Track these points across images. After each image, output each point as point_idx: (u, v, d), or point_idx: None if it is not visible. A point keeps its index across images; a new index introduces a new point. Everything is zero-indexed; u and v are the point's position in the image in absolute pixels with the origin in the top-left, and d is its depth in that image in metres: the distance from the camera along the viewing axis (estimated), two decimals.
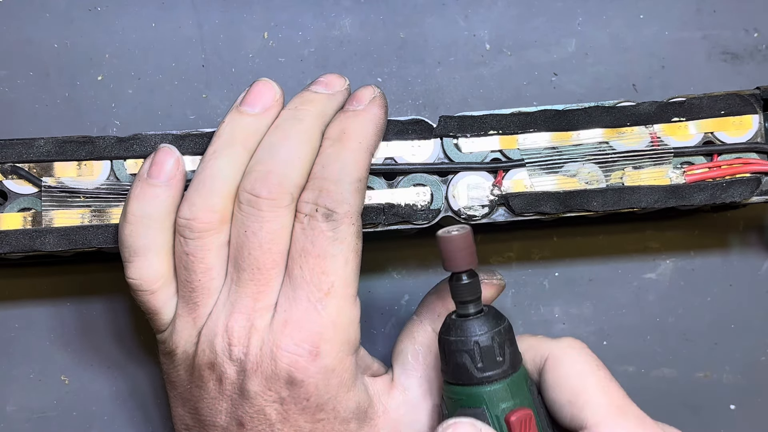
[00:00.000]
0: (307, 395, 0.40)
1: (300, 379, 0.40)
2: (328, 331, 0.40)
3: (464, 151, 0.44)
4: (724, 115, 0.45)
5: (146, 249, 0.41)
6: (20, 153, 0.43)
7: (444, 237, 0.39)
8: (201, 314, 0.41)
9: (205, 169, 0.42)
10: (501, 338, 0.40)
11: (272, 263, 0.40)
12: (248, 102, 0.42)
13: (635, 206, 0.44)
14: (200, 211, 0.41)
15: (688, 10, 0.52)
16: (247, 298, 0.41)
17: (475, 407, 0.39)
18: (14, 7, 0.50)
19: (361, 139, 0.42)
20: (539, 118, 0.44)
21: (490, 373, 0.39)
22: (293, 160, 0.41)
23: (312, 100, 0.42)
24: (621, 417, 0.40)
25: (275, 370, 0.40)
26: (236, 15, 0.51)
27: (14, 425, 0.49)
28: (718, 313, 0.51)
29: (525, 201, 0.44)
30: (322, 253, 0.40)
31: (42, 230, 0.43)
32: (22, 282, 0.50)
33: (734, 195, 0.44)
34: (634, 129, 0.45)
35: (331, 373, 0.40)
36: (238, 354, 0.40)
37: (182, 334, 0.42)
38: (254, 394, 0.40)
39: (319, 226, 0.40)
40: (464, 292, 0.40)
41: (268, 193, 0.40)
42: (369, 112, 0.42)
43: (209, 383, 0.41)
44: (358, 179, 0.41)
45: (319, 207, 0.40)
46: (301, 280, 0.40)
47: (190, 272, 0.41)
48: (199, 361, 0.41)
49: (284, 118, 0.42)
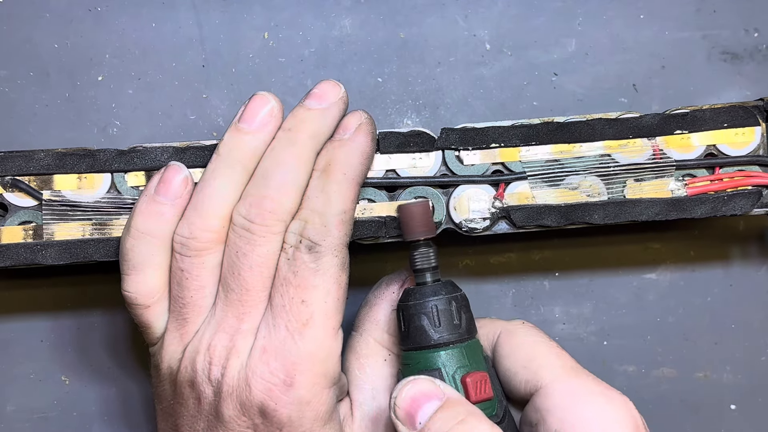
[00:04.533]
0: (279, 425, 0.40)
1: (272, 408, 0.40)
2: (304, 362, 0.40)
3: (466, 164, 0.44)
4: (727, 127, 0.45)
5: (145, 265, 0.42)
6: (20, 166, 0.43)
7: (403, 207, 0.42)
8: (189, 331, 0.42)
9: (204, 188, 0.42)
10: (458, 303, 0.42)
11: (261, 286, 0.41)
12: (245, 119, 0.42)
13: (636, 219, 0.44)
14: (198, 230, 0.41)
15: (688, 10, 0.52)
16: (233, 318, 0.41)
17: (432, 369, 0.41)
18: (14, 7, 0.50)
19: (346, 170, 0.42)
20: (541, 131, 0.44)
21: (447, 335, 0.41)
22: (286, 187, 0.41)
23: (305, 119, 0.42)
24: (575, 374, 0.42)
25: (249, 397, 0.40)
26: (236, 15, 0.51)
27: (14, 425, 0.50)
28: (718, 313, 0.51)
29: (526, 214, 0.44)
30: (303, 283, 0.40)
31: (43, 244, 0.43)
32: (20, 293, 0.50)
33: (735, 208, 0.44)
34: (637, 141, 0.44)
35: (306, 405, 0.40)
36: (216, 374, 0.40)
37: (168, 350, 0.42)
38: (228, 418, 0.40)
39: (301, 257, 0.40)
40: (422, 259, 0.42)
41: (262, 220, 0.40)
42: (354, 141, 0.42)
43: (189, 401, 0.41)
44: (343, 211, 0.41)
45: (303, 239, 0.40)
46: (281, 309, 0.40)
47: (183, 289, 0.41)
48: (182, 377, 0.41)
49: (279, 141, 0.42)
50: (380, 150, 0.44)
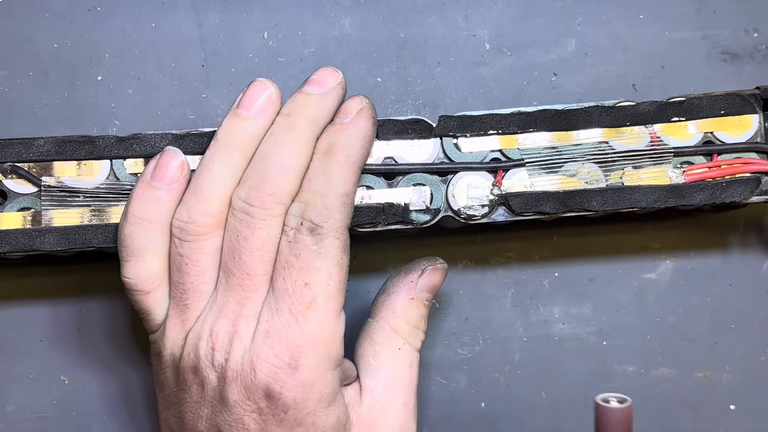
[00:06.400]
0: (285, 408, 0.40)
1: (278, 391, 0.40)
2: (308, 345, 0.40)
3: (464, 151, 0.44)
4: (724, 114, 0.45)
5: (144, 250, 0.42)
6: (20, 152, 0.43)
7: (602, 406, 0.37)
8: (190, 317, 0.42)
9: (203, 173, 0.42)
10: None
11: (262, 269, 0.41)
12: (244, 105, 0.42)
13: (635, 206, 0.44)
14: (197, 215, 0.41)
15: (688, 10, 0.52)
16: (234, 303, 0.41)
17: None
18: (14, 7, 0.50)
19: (348, 153, 0.42)
20: (539, 118, 0.44)
21: None
22: (285, 170, 0.41)
23: (304, 104, 0.42)
24: None
25: (254, 381, 0.40)
26: (236, 15, 0.51)
27: (14, 425, 0.49)
28: (718, 313, 0.51)
29: (525, 201, 0.44)
30: (305, 266, 0.40)
31: (41, 230, 0.43)
32: (20, 282, 0.50)
33: (734, 195, 0.44)
34: (634, 129, 0.45)
35: (310, 387, 0.40)
36: (220, 360, 0.40)
37: (170, 336, 0.42)
38: (233, 402, 0.40)
39: (303, 239, 0.40)
40: None
41: (261, 203, 0.40)
42: (355, 125, 0.42)
43: (192, 387, 0.41)
44: (345, 193, 0.41)
45: (305, 221, 0.40)
46: (284, 292, 0.40)
47: (183, 274, 0.41)
48: (184, 364, 0.41)
49: (278, 126, 0.42)
50: (379, 136, 0.44)
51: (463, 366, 0.50)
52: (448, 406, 0.50)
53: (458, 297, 0.51)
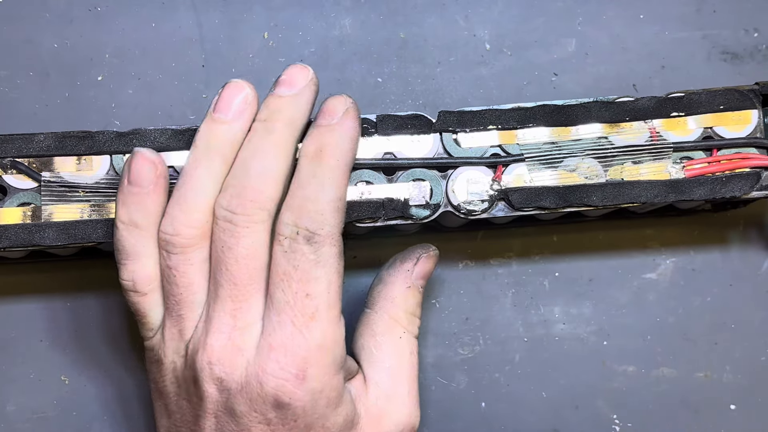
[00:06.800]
0: (294, 417, 0.40)
1: (287, 402, 0.40)
2: (314, 355, 0.40)
3: (463, 146, 0.44)
4: (723, 110, 0.45)
5: (138, 253, 0.41)
6: (20, 148, 0.43)
7: None
8: (187, 327, 0.41)
9: (185, 183, 0.41)
10: None
11: (249, 279, 0.40)
12: (220, 108, 0.42)
13: (635, 201, 0.44)
14: (182, 226, 0.41)
15: (688, 10, 0.52)
16: (226, 316, 0.40)
17: None
18: (14, 7, 0.50)
19: (339, 156, 0.41)
20: (538, 113, 0.44)
21: None
22: (266, 175, 0.40)
23: (279, 107, 0.42)
24: None
25: (261, 393, 0.40)
26: (236, 15, 0.51)
27: (14, 425, 0.49)
28: (718, 313, 0.51)
29: (524, 196, 0.44)
30: (304, 276, 0.40)
31: (41, 225, 0.43)
32: (21, 282, 0.50)
33: (734, 189, 0.44)
34: (633, 124, 0.45)
35: (319, 394, 0.40)
36: (219, 373, 0.40)
37: (170, 344, 0.42)
38: (240, 413, 0.40)
39: (300, 248, 0.40)
40: None
41: (243, 210, 0.40)
42: (343, 126, 0.42)
43: (193, 398, 0.41)
44: (338, 198, 0.40)
45: (300, 229, 0.40)
46: (285, 305, 0.40)
47: (173, 286, 0.41)
48: (186, 374, 0.41)
49: (255, 132, 0.41)
50: (378, 131, 0.44)
51: (464, 366, 0.50)
52: (448, 406, 0.50)
53: (458, 297, 0.51)
